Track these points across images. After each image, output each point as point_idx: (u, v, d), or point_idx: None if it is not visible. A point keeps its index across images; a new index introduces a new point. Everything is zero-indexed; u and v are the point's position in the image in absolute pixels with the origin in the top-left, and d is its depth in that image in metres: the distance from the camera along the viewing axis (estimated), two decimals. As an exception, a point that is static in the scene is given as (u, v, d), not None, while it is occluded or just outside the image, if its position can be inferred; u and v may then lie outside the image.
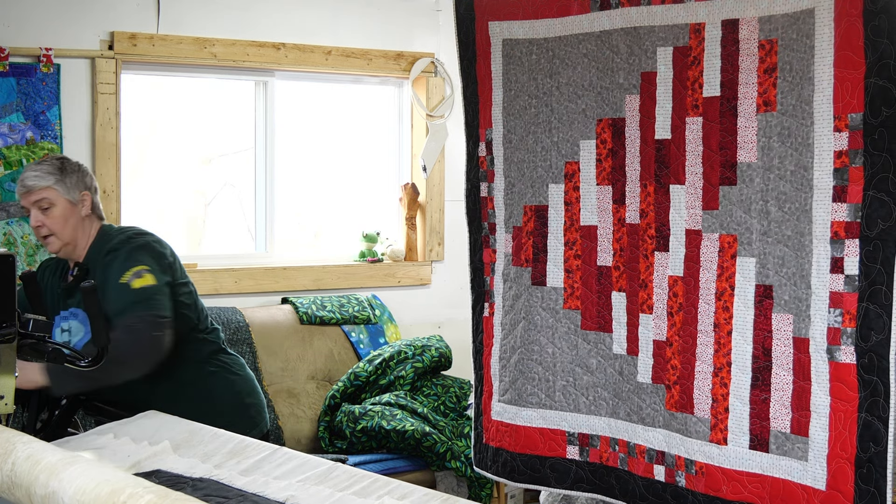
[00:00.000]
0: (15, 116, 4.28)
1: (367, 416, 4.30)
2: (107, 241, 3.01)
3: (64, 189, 2.99)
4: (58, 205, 2.98)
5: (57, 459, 1.83)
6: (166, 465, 2.31)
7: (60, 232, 2.98)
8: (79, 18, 4.43)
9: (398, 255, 5.38)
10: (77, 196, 3.01)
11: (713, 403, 2.68)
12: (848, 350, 2.41)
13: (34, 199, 2.98)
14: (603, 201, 2.96)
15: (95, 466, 1.79)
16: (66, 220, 2.98)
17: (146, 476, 2.21)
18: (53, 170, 3.00)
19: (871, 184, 2.36)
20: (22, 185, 2.99)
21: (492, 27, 3.17)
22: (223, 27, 4.77)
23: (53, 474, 1.79)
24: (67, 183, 3.00)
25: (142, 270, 2.91)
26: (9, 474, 1.91)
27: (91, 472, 1.75)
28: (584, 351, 3.01)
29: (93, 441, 2.52)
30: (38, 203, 2.97)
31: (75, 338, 2.98)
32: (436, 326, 5.39)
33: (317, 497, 2.06)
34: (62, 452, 1.87)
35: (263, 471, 2.25)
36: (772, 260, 2.57)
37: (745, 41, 2.60)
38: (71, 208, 3.00)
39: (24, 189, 2.99)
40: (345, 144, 5.40)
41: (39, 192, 2.97)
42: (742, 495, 2.61)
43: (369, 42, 5.19)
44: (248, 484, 2.16)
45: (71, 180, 3.01)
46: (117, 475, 1.73)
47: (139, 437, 2.51)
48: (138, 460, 2.34)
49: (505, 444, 3.21)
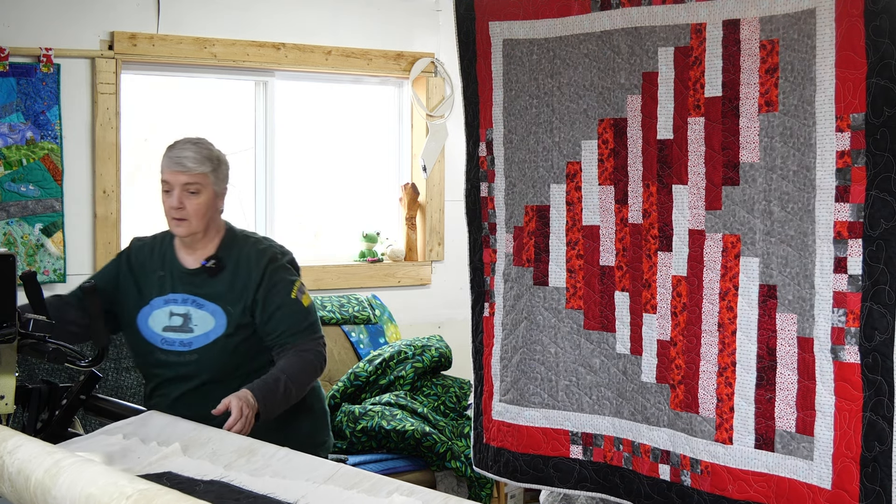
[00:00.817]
0: (15, 116, 4.28)
1: (367, 416, 4.30)
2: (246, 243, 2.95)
3: (215, 179, 2.88)
4: (205, 193, 2.86)
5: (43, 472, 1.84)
6: (176, 467, 2.31)
7: (198, 220, 2.86)
8: (79, 18, 4.43)
9: (398, 255, 5.38)
10: (222, 189, 2.93)
11: (718, 403, 2.69)
12: (852, 350, 2.41)
13: (185, 181, 2.84)
14: (605, 201, 2.96)
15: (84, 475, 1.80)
16: (206, 210, 2.87)
17: (157, 478, 2.21)
18: (212, 157, 2.89)
19: (873, 184, 2.36)
20: (178, 163, 2.84)
21: (492, 27, 3.17)
22: (223, 27, 4.77)
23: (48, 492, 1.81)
24: (219, 174, 2.91)
25: (301, 286, 2.95)
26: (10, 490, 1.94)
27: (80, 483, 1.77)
28: (587, 351, 3.01)
29: (102, 442, 2.52)
30: (188, 186, 2.84)
31: (202, 329, 2.89)
32: (436, 326, 5.39)
33: (328, 496, 2.06)
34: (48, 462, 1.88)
35: (273, 469, 2.25)
36: (775, 260, 2.57)
37: (746, 41, 2.60)
38: (214, 199, 2.89)
39: (181, 168, 2.84)
40: (345, 144, 5.40)
41: (194, 176, 2.84)
42: (748, 494, 2.61)
43: (369, 42, 5.19)
44: (259, 485, 2.17)
45: (223, 172, 2.92)
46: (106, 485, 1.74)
47: (148, 438, 2.51)
48: (149, 462, 2.34)
49: (507, 444, 3.21)
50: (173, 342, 2.90)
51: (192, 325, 2.90)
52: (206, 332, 2.89)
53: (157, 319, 2.93)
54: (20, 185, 4.31)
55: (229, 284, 2.90)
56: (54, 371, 3.98)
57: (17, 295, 2.50)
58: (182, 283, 2.93)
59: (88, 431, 3.64)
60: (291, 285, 2.92)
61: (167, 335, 2.91)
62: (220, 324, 2.88)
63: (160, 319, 2.92)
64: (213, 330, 2.88)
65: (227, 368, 2.90)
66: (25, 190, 4.32)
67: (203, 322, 2.89)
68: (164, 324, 2.91)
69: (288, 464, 2.27)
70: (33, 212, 4.34)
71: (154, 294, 2.94)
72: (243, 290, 2.89)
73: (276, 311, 2.88)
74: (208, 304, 2.90)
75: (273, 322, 2.88)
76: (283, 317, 2.89)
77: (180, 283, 2.93)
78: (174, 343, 2.90)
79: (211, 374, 2.89)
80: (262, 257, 2.92)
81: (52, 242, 4.39)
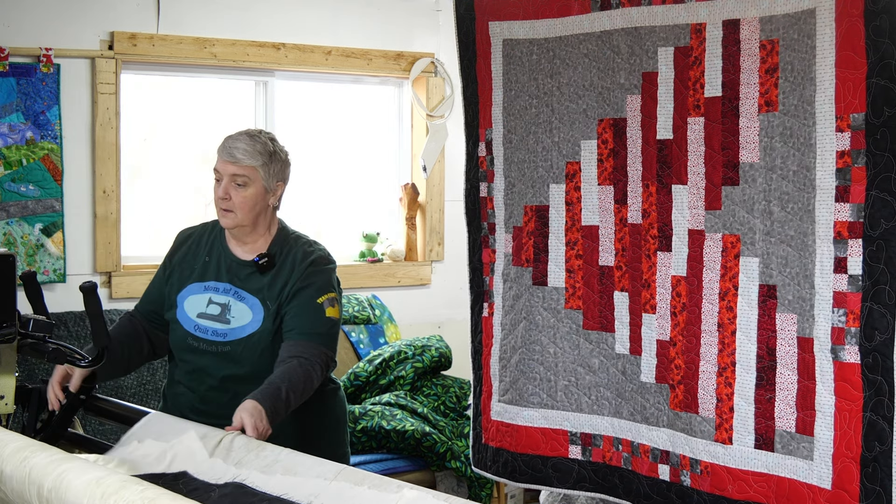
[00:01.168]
0: (15, 116, 4.28)
1: (367, 416, 4.30)
2: (297, 244, 2.92)
3: (266, 174, 2.85)
4: (253, 187, 2.83)
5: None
6: (191, 468, 2.32)
7: (244, 213, 2.83)
8: (79, 18, 4.43)
9: (398, 255, 5.38)
10: (273, 185, 2.89)
11: (718, 403, 2.68)
12: (852, 350, 2.41)
13: (233, 172, 2.82)
14: (604, 201, 2.96)
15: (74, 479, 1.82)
16: (254, 204, 2.83)
17: (173, 479, 2.24)
18: (265, 151, 2.85)
19: (873, 184, 2.36)
20: (229, 153, 2.83)
21: (492, 27, 3.17)
22: (223, 27, 4.77)
23: None
24: (271, 169, 2.87)
25: (334, 299, 2.89)
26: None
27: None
28: (586, 351, 3.01)
29: (122, 452, 2.52)
30: (236, 177, 2.82)
31: (239, 322, 2.85)
32: (436, 326, 5.39)
33: (341, 494, 2.08)
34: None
35: (283, 466, 2.26)
36: (775, 260, 2.57)
37: (746, 41, 2.60)
38: (263, 194, 2.85)
39: (231, 158, 2.83)
40: (345, 144, 5.40)
41: (242, 168, 2.82)
42: (747, 494, 2.61)
43: (369, 42, 5.19)
44: (272, 485, 2.18)
45: (275, 168, 2.88)
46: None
47: (161, 439, 2.51)
48: (168, 463, 2.36)
49: (505, 444, 3.21)
50: (206, 330, 2.86)
51: (229, 317, 2.86)
52: (242, 325, 2.85)
53: (194, 304, 2.89)
54: (20, 185, 4.31)
55: (273, 280, 2.86)
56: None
57: (17, 295, 2.50)
58: (228, 273, 2.89)
59: (88, 431, 3.65)
60: (322, 292, 2.87)
61: (201, 322, 2.87)
62: (257, 318, 2.84)
63: (197, 304, 2.89)
64: (250, 324, 2.84)
65: (256, 367, 2.83)
66: (25, 190, 4.32)
67: (241, 315, 2.86)
68: (200, 310, 2.88)
69: (295, 459, 2.28)
70: (33, 212, 4.34)
71: (195, 278, 2.91)
72: (283, 287, 2.85)
73: (297, 305, 2.82)
74: (249, 297, 2.86)
75: (290, 315, 2.83)
76: (299, 312, 2.82)
77: (226, 273, 2.90)
78: (207, 331, 2.86)
79: (237, 369, 2.84)
80: (306, 259, 2.89)
81: (52, 242, 4.39)
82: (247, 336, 2.84)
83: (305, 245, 2.94)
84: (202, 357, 2.87)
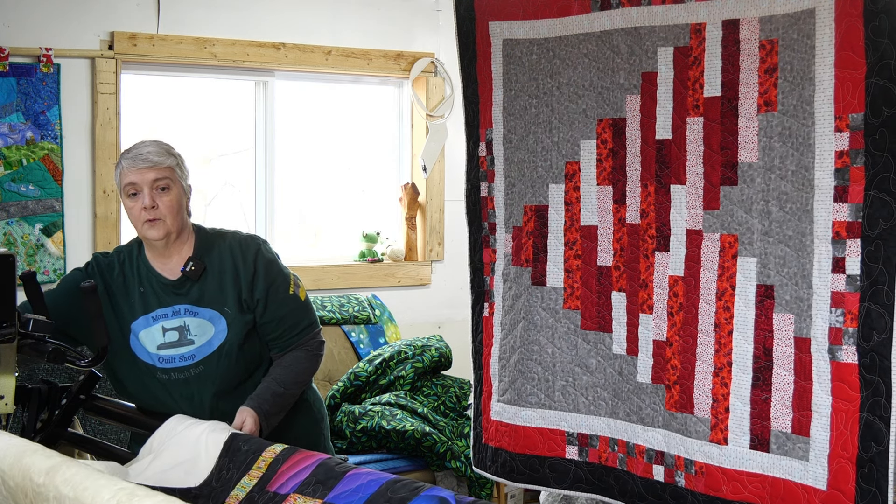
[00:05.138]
0: (15, 116, 4.29)
1: (366, 416, 4.30)
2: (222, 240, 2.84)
3: (181, 174, 2.77)
4: (175, 188, 2.73)
5: None
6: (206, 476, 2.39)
7: (172, 217, 2.72)
8: (79, 18, 4.43)
9: (398, 255, 5.38)
10: (187, 186, 2.81)
11: (713, 403, 2.68)
12: (849, 350, 2.41)
13: (154, 177, 2.69)
14: (603, 201, 2.96)
15: None
16: (179, 207, 2.74)
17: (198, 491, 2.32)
18: (172, 152, 2.77)
19: (872, 184, 2.36)
20: (143, 160, 2.69)
21: (492, 27, 3.17)
22: (223, 27, 4.78)
23: None
24: (183, 169, 2.80)
25: (296, 279, 2.88)
26: None
27: None
28: (584, 351, 3.01)
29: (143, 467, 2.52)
30: (158, 182, 2.70)
31: (203, 338, 2.76)
32: (436, 326, 5.39)
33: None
34: None
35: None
36: (773, 260, 2.57)
37: (745, 41, 2.60)
38: (183, 196, 2.77)
39: (147, 164, 2.69)
40: (345, 145, 5.41)
41: (161, 171, 2.71)
42: (742, 495, 2.61)
43: (369, 42, 5.20)
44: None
45: (184, 167, 2.81)
46: None
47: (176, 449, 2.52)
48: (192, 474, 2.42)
49: (504, 444, 3.21)
50: (172, 358, 2.77)
51: (191, 337, 2.77)
52: (208, 339, 2.77)
53: (149, 339, 2.78)
54: (20, 185, 4.31)
55: (218, 284, 2.79)
56: (54, 371, 3.99)
57: (17, 295, 2.50)
58: (168, 296, 2.78)
59: (88, 432, 3.65)
60: (288, 280, 2.85)
61: (163, 353, 2.77)
62: (220, 328, 2.77)
63: (152, 338, 2.78)
64: (216, 336, 2.77)
65: (234, 377, 2.80)
66: (25, 190, 4.33)
67: (202, 330, 2.77)
68: (159, 342, 2.77)
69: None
70: (33, 212, 4.35)
71: (139, 313, 2.79)
72: (234, 285, 2.78)
73: (278, 311, 2.81)
74: (203, 311, 2.77)
75: (275, 323, 2.82)
76: (285, 316, 2.83)
77: (166, 296, 2.78)
78: (174, 359, 2.77)
79: (217, 386, 2.78)
80: (247, 250, 2.82)
81: (52, 242, 4.40)
82: (216, 349, 2.78)
83: (233, 236, 2.87)
84: (175, 388, 2.78)
